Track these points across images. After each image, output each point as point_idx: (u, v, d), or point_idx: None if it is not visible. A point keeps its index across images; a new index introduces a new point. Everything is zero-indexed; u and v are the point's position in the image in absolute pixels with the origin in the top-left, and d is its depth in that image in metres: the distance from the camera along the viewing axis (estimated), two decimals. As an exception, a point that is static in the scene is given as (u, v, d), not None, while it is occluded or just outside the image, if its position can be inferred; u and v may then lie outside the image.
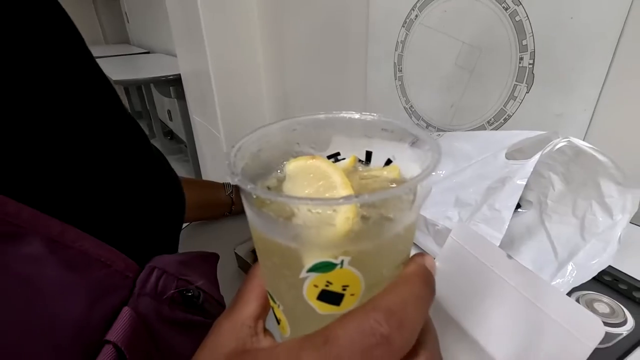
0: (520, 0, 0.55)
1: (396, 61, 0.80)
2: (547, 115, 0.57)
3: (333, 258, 0.13)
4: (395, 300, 0.14)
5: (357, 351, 0.13)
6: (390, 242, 0.15)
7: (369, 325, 0.13)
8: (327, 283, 0.14)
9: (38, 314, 0.17)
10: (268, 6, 1.24)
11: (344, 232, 0.13)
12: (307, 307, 0.15)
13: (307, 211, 0.14)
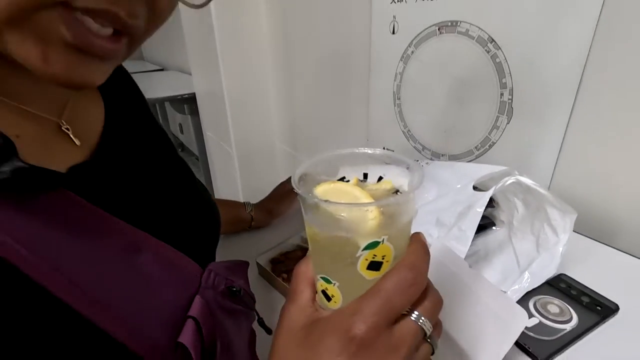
0: (500, 45, 0.64)
1: (395, 90, 0.89)
2: (524, 143, 0.65)
3: (379, 238, 0.22)
4: (415, 259, 0.22)
5: (398, 292, 0.21)
6: (404, 226, 0.23)
7: (403, 276, 0.21)
8: (373, 256, 0.22)
9: (153, 297, 0.26)
10: (279, 37, 1.35)
11: (377, 223, 0.21)
12: (359, 277, 0.22)
13: (352, 212, 0.22)
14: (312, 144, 1.38)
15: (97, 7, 0.20)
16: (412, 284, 0.21)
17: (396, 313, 0.22)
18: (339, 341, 0.21)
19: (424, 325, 0.22)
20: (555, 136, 0.60)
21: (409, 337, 0.22)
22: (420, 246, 0.23)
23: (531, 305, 0.42)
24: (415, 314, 0.22)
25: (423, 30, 0.77)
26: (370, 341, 0.21)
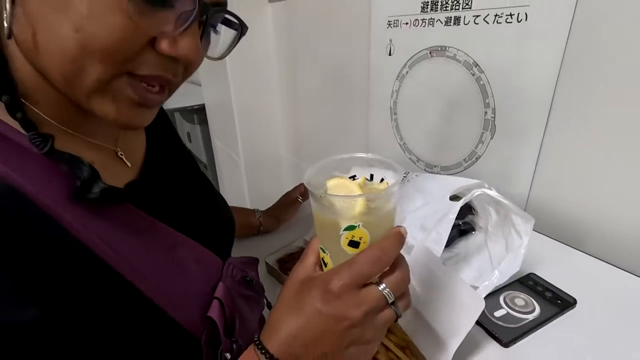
0: (483, 69, 0.72)
1: (392, 106, 0.97)
2: (506, 157, 0.72)
3: (355, 223, 0.29)
4: (386, 244, 0.29)
5: (366, 264, 0.28)
6: (381, 218, 0.30)
7: (373, 253, 0.29)
8: (352, 236, 0.29)
9: (188, 282, 0.34)
10: (285, 53, 1.43)
11: (358, 212, 0.28)
12: (342, 251, 0.30)
13: (342, 202, 0.29)
14: (315, 154, 1.46)
15: (152, 73, 0.29)
16: (378, 260, 0.29)
17: (364, 279, 0.29)
18: (319, 292, 0.28)
19: (387, 294, 0.29)
20: (532, 150, 0.67)
21: (371, 299, 0.29)
22: (394, 236, 0.30)
23: (501, 299, 0.48)
24: (382, 285, 0.29)
25: (416, 53, 0.85)
26: (341, 295, 0.28)
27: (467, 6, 0.70)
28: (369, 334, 0.30)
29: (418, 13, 0.81)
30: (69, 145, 0.32)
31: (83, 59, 0.26)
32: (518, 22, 0.63)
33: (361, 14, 0.97)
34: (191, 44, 0.29)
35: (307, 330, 0.28)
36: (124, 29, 0.26)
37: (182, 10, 0.28)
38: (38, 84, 0.30)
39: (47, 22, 0.26)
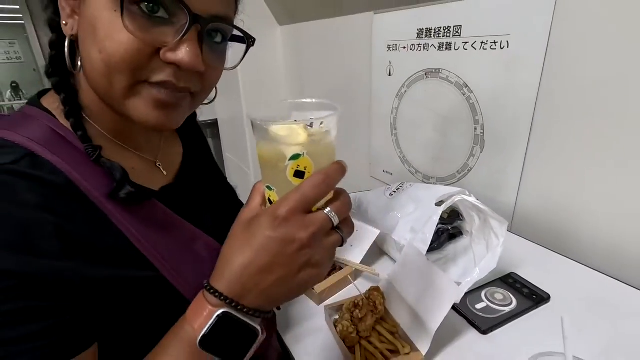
0: (472, 89, 0.79)
1: (392, 122, 1.04)
2: (495, 169, 0.79)
3: (300, 152, 0.30)
4: (328, 169, 0.30)
5: (311, 189, 0.29)
6: (322, 148, 0.31)
7: (316, 178, 0.30)
8: (298, 165, 0.30)
9: (201, 269, 0.40)
10: (293, 72, 1.53)
11: (302, 139, 0.30)
12: (288, 183, 0.30)
13: (286, 130, 0.30)
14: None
15: (164, 79, 0.35)
16: (321, 184, 0.30)
17: (310, 203, 0.30)
18: (267, 219, 0.30)
19: (332, 217, 0.31)
20: (517, 163, 0.74)
21: (317, 221, 0.30)
22: (336, 165, 0.32)
23: (482, 294, 0.54)
24: (327, 209, 0.31)
25: (413, 74, 0.93)
26: (288, 219, 0.29)
27: (457, 34, 0.78)
28: (319, 255, 0.31)
29: (414, 39, 0.89)
30: (119, 155, 0.40)
31: (109, 74, 0.33)
32: (501, 49, 0.71)
33: (363, 38, 1.06)
34: (189, 51, 0.33)
35: (259, 258, 0.30)
36: (131, 43, 0.32)
37: (179, 24, 0.34)
38: (98, 106, 0.38)
39: (87, 50, 0.34)
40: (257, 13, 1.48)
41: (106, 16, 0.32)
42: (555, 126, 0.67)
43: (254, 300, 0.31)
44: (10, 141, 0.33)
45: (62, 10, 0.35)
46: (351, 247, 0.62)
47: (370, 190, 0.80)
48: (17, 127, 0.34)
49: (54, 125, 0.36)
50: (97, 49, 0.33)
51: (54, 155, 0.34)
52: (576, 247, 0.66)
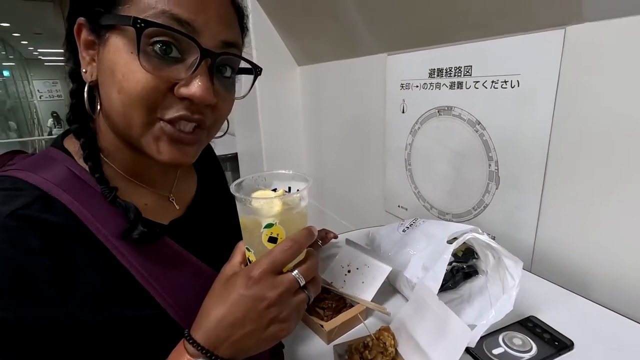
0: (485, 126, 0.80)
1: (406, 157, 1.05)
2: (511, 206, 0.77)
3: (273, 221, 0.35)
4: (296, 235, 0.35)
5: (280, 253, 0.34)
6: (293, 217, 0.36)
7: (285, 243, 0.35)
8: (271, 233, 0.35)
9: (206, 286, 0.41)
10: (310, 107, 1.59)
11: (276, 211, 0.35)
12: (263, 246, 0.36)
13: (262, 204, 0.35)
14: (337, 200, 1.54)
15: (178, 114, 0.37)
16: (289, 248, 0.35)
17: (280, 265, 0.35)
18: (242, 279, 0.34)
19: (299, 278, 0.35)
20: (534, 200, 0.72)
21: (285, 282, 0.35)
22: (304, 231, 0.36)
23: (500, 338, 0.52)
24: (295, 271, 0.35)
25: (426, 112, 0.95)
26: (259, 280, 0.34)
27: (468, 74, 0.81)
28: (286, 312, 0.35)
29: (426, 78, 0.92)
30: (133, 192, 0.43)
31: (126, 112, 0.36)
32: (512, 88, 0.72)
33: (377, 77, 1.10)
34: (201, 85, 0.36)
35: (232, 314, 0.33)
36: (147, 81, 0.35)
37: (190, 60, 0.36)
38: (116, 146, 0.41)
39: (106, 92, 0.37)
40: (278, 55, 1.57)
41: (124, 59, 0.35)
42: (571, 163, 0.66)
43: (227, 351, 0.34)
44: (28, 182, 0.36)
45: (82, 60, 0.38)
46: (362, 283, 0.61)
47: (384, 226, 0.80)
48: (37, 169, 0.37)
49: (72, 166, 0.39)
50: (116, 89, 0.36)
51: (68, 195, 0.36)
52: (600, 289, 0.63)
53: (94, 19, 0.36)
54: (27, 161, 0.39)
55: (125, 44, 0.35)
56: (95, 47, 0.38)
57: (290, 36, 1.51)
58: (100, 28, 0.36)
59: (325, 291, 0.64)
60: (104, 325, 0.35)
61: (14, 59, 7.12)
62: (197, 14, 0.35)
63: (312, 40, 1.41)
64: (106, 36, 0.36)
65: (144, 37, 0.34)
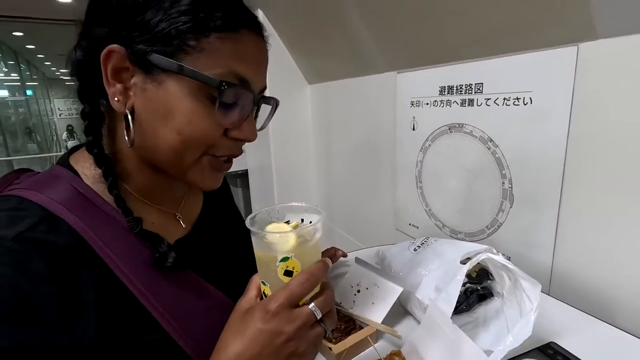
0: (497, 143, 0.79)
1: (417, 175, 1.04)
2: (527, 225, 0.75)
3: (288, 255, 0.35)
4: (312, 268, 0.36)
5: (296, 286, 0.35)
6: (308, 250, 0.36)
7: (301, 277, 0.35)
8: (287, 266, 0.35)
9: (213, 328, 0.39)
10: (320, 124, 1.60)
11: (291, 245, 0.35)
12: (279, 280, 0.36)
13: (277, 238, 0.36)
14: (347, 218, 1.53)
15: (226, 154, 0.41)
16: (306, 281, 0.35)
17: (296, 298, 0.35)
18: (259, 313, 0.34)
19: (315, 312, 0.35)
20: (551, 219, 0.70)
21: (302, 316, 0.35)
22: (320, 264, 0.37)
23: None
24: (312, 304, 0.36)
25: (437, 129, 0.94)
26: (277, 313, 0.34)
27: (479, 91, 0.80)
28: (303, 346, 0.35)
29: (437, 95, 0.92)
30: (141, 211, 0.43)
31: (183, 151, 0.38)
32: (524, 105, 0.71)
33: (387, 95, 1.11)
34: (252, 128, 0.40)
35: (250, 348, 0.33)
36: (212, 129, 0.38)
37: (243, 104, 0.39)
38: (136, 169, 0.42)
39: (154, 129, 0.38)
40: (289, 73, 1.59)
41: (189, 105, 0.37)
42: (589, 180, 0.64)
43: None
44: (33, 202, 0.36)
45: (110, 86, 0.38)
46: (372, 304, 0.59)
47: (395, 244, 0.78)
48: (42, 187, 0.37)
49: (77, 185, 0.39)
50: (174, 130, 0.37)
51: (73, 215, 0.36)
52: (624, 315, 0.60)
53: (138, 54, 0.36)
54: (33, 180, 0.39)
55: (190, 92, 0.37)
56: (128, 77, 0.37)
57: (300, 55, 1.53)
58: (151, 66, 0.36)
59: (334, 312, 0.62)
60: (108, 350, 0.35)
61: (38, 78, 7.44)
62: (256, 74, 0.40)
63: (322, 59, 1.43)
64: (161, 77, 0.36)
65: (207, 86, 0.36)
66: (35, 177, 0.40)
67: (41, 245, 0.33)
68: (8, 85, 5.14)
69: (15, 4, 2.89)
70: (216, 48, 0.36)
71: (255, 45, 0.40)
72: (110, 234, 0.38)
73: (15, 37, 4.61)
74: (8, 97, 5.08)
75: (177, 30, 0.35)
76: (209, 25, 0.36)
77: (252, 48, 0.40)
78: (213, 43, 0.36)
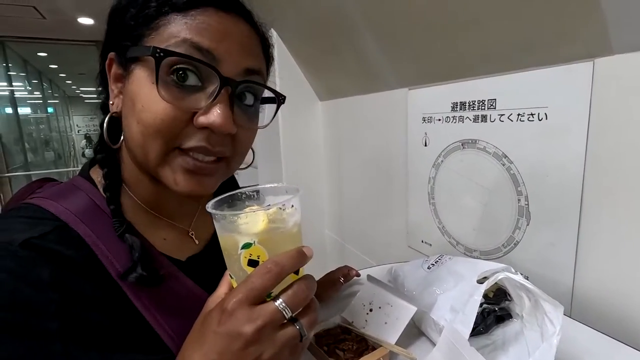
0: (512, 160, 0.77)
1: (429, 191, 1.03)
2: (545, 244, 0.73)
3: (251, 240, 0.30)
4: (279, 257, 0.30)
5: (257, 277, 0.29)
6: (278, 236, 0.31)
7: (264, 266, 0.30)
8: (250, 254, 0.30)
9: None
10: (332, 141, 1.60)
11: (260, 229, 0.30)
12: (244, 272, 0.31)
13: (243, 218, 0.30)
14: (359, 235, 1.51)
15: (196, 145, 0.36)
16: (268, 271, 0.29)
17: (257, 292, 0.29)
18: (217, 314, 0.30)
19: (283, 309, 0.29)
20: (570, 238, 0.68)
21: (265, 314, 0.29)
22: (293, 252, 0.31)
23: (541, 392, 0.47)
24: (279, 300, 0.30)
25: (449, 145, 0.93)
26: (234, 312, 0.29)
27: (492, 107, 0.79)
28: (269, 353, 0.29)
29: (449, 111, 0.92)
30: (152, 225, 0.43)
31: (145, 143, 0.36)
32: (539, 121, 0.70)
33: (398, 111, 1.11)
34: (220, 113, 0.35)
35: (206, 356, 0.28)
36: (166, 112, 0.34)
37: (210, 89, 0.36)
38: (137, 178, 0.42)
39: (128, 124, 0.38)
40: (300, 90, 1.62)
41: (145, 90, 0.35)
42: (610, 196, 0.62)
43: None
44: (49, 211, 0.36)
45: (111, 93, 0.40)
46: (385, 324, 0.58)
47: (408, 262, 0.76)
48: (60, 197, 0.38)
49: (94, 196, 0.39)
50: (135, 120, 0.36)
51: (85, 227, 0.36)
52: (654, 341, 0.56)
53: (122, 52, 0.37)
54: (54, 190, 0.40)
55: (147, 75, 0.35)
56: (122, 80, 0.39)
57: (312, 72, 1.56)
58: (127, 61, 0.37)
59: (346, 331, 0.60)
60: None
61: (59, 96, 7.73)
62: (219, 42, 0.35)
63: (333, 76, 1.45)
64: (131, 68, 0.37)
65: (163, 66, 0.34)
66: (56, 187, 0.41)
67: (48, 253, 0.33)
68: (31, 103, 5.35)
69: (42, 26, 3.04)
70: (173, 24, 0.35)
71: (220, 21, 0.36)
72: (119, 247, 0.37)
73: (40, 57, 4.82)
74: (30, 114, 5.28)
75: (143, 19, 0.36)
76: (168, 3, 0.35)
77: (216, 24, 0.35)
78: (171, 20, 0.35)
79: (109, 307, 0.35)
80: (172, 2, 0.36)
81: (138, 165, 0.40)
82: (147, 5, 0.36)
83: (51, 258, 0.33)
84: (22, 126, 4.50)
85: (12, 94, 4.21)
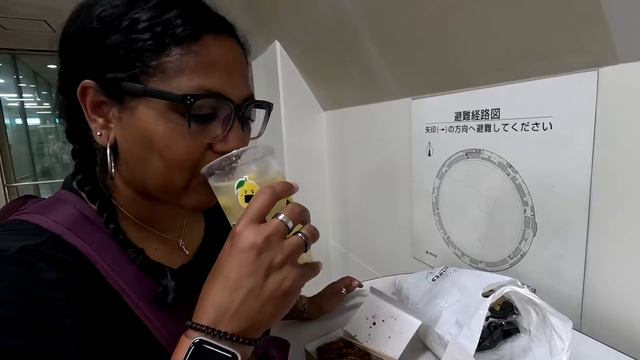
0: (517, 169, 0.76)
1: (434, 201, 1.02)
2: (552, 255, 0.71)
3: (242, 178, 0.35)
4: (274, 183, 0.35)
5: (256, 200, 0.33)
6: (263, 171, 0.36)
7: (260, 191, 0.34)
8: (245, 191, 0.35)
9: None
10: (335, 150, 1.60)
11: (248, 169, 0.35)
12: (242, 208, 0.34)
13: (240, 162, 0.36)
14: (363, 246, 1.49)
15: None
16: (264, 194, 0.33)
17: (259, 212, 0.33)
18: (228, 244, 0.33)
19: (285, 220, 0.33)
20: (578, 249, 0.66)
21: (270, 226, 0.33)
22: (282, 181, 0.36)
23: (551, 411, 0.45)
24: (281, 215, 0.34)
25: (453, 154, 0.92)
26: (242, 232, 0.32)
27: (496, 116, 0.79)
28: (280, 257, 0.32)
29: (452, 121, 0.91)
30: (143, 237, 0.43)
31: (169, 175, 0.38)
32: (544, 130, 0.69)
33: (402, 120, 1.10)
34: (237, 138, 0.39)
35: (226, 279, 0.32)
36: (192, 148, 0.37)
37: (223, 115, 0.38)
38: (131, 198, 0.42)
39: (138, 157, 0.38)
40: (304, 100, 1.63)
41: (161, 128, 0.36)
42: (619, 207, 0.60)
43: (232, 323, 0.31)
44: (39, 225, 0.36)
45: (92, 123, 0.38)
46: (389, 338, 0.56)
47: (412, 274, 0.75)
48: (47, 212, 0.37)
49: (82, 208, 0.39)
50: (157, 155, 0.37)
51: (77, 238, 0.36)
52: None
53: (109, 84, 0.36)
54: (38, 205, 0.39)
55: (160, 114, 0.36)
56: (107, 110, 0.38)
57: (315, 82, 1.57)
58: (120, 93, 0.36)
59: (349, 345, 0.59)
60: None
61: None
62: (227, 79, 0.38)
63: (337, 86, 1.45)
64: (132, 104, 0.36)
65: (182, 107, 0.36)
66: (40, 202, 0.40)
67: (46, 258, 0.32)
68: (40, 114, 5.45)
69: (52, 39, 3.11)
70: (179, 65, 0.35)
71: (221, 51, 0.37)
72: (116, 259, 0.37)
73: (50, 69, 4.92)
74: (39, 125, 5.38)
75: (138, 52, 0.35)
76: (167, 39, 0.35)
77: (218, 55, 0.37)
78: (175, 60, 0.35)
79: (111, 316, 0.35)
80: (170, 33, 0.35)
81: (135, 189, 0.41)
82: (138, 33, 0.35)
83: (51, 262, 0.33)
84: (30, 136, 4.57)
85: (22, 105, 4.29)
